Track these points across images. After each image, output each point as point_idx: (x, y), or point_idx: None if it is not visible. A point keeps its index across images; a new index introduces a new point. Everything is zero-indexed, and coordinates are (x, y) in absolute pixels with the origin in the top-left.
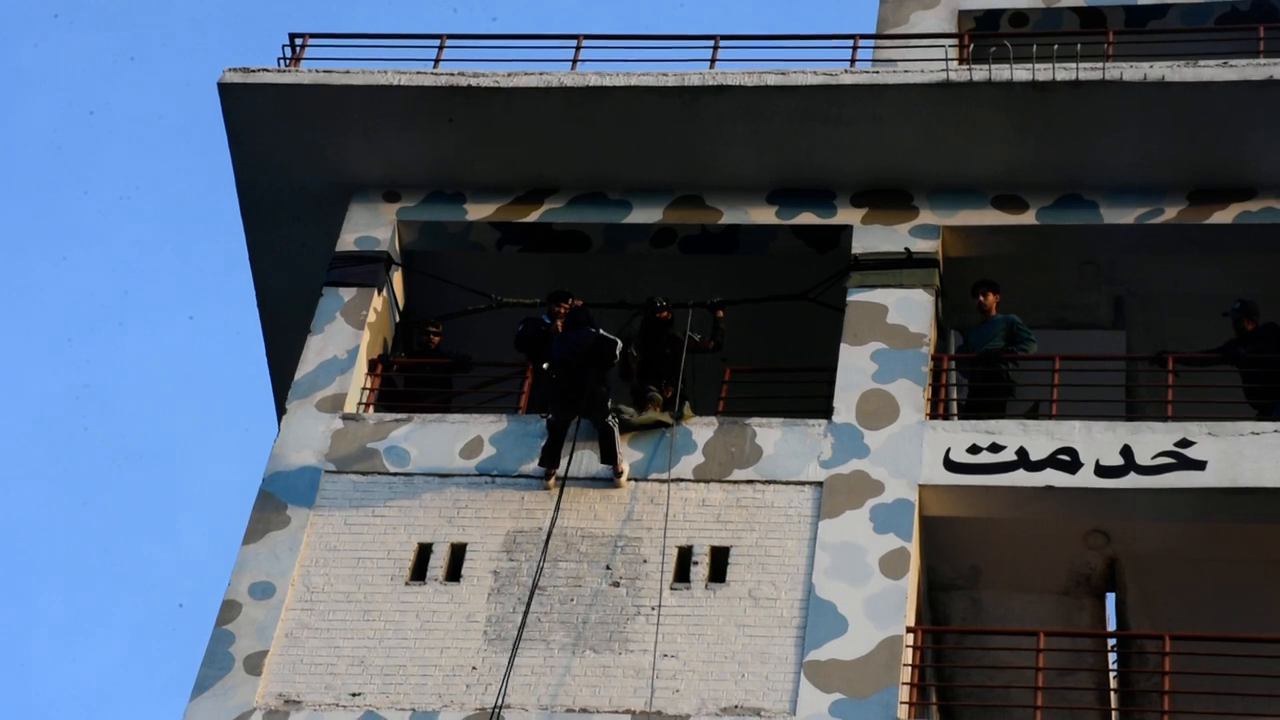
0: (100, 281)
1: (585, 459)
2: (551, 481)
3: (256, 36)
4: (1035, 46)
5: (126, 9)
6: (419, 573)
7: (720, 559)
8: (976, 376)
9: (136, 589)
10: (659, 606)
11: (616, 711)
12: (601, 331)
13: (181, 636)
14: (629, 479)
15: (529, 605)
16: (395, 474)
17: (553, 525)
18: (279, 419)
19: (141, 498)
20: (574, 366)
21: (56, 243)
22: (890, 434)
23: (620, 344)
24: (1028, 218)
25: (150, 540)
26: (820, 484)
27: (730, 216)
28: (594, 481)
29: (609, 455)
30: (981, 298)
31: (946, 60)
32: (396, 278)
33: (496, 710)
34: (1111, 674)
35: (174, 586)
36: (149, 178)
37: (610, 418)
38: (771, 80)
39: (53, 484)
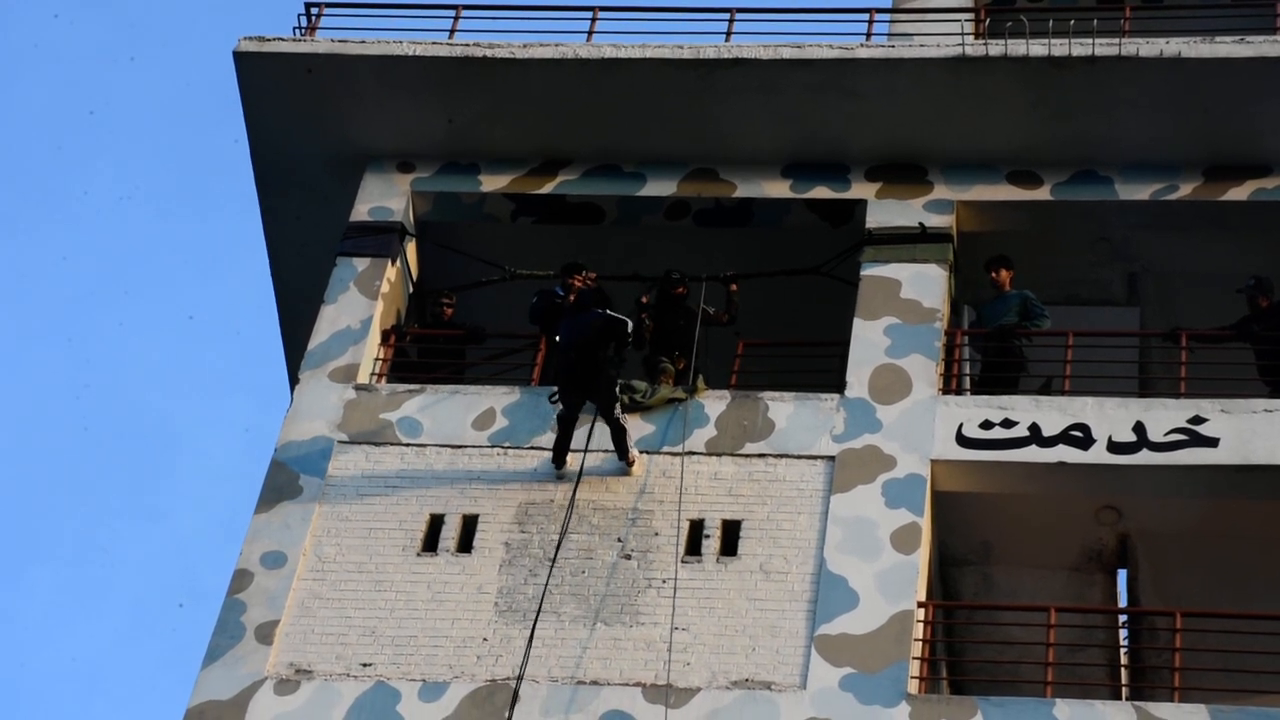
0: (100, 281)
1: (599, 432)
2: (565, 478)
3: (261, 30)
4: (1051, 21)
5: (127, 8)
6: (430, 544)
7: (732, 532)
8: (989, 352)
9: (136, 580)
10: (670, 580)
11: (627, 684)
12: (609, 312)
13: (176, 625)
14: (642, 451)
15: (549, 577)
16: (407, 445)
17: (571, 505)
18: (292, 389)
19: (142, 494)
20: (583, 349)
21: (57, 242)
22: (903, 409)
23: (631, 324)
24: (1042, 193)
25: (150, 536)
26: (832, 458)
27: (744, 190)
28: (607, 454)
29: (620, 450)
30: (995, 273)
31: (962, 35)
32: (410, 248)
33: (518, 680)
34: (1122, 650)
35: (173, 580)
36: (149, 177)
37: (617, 407)
38: (787, 54)
39: (53, 483)
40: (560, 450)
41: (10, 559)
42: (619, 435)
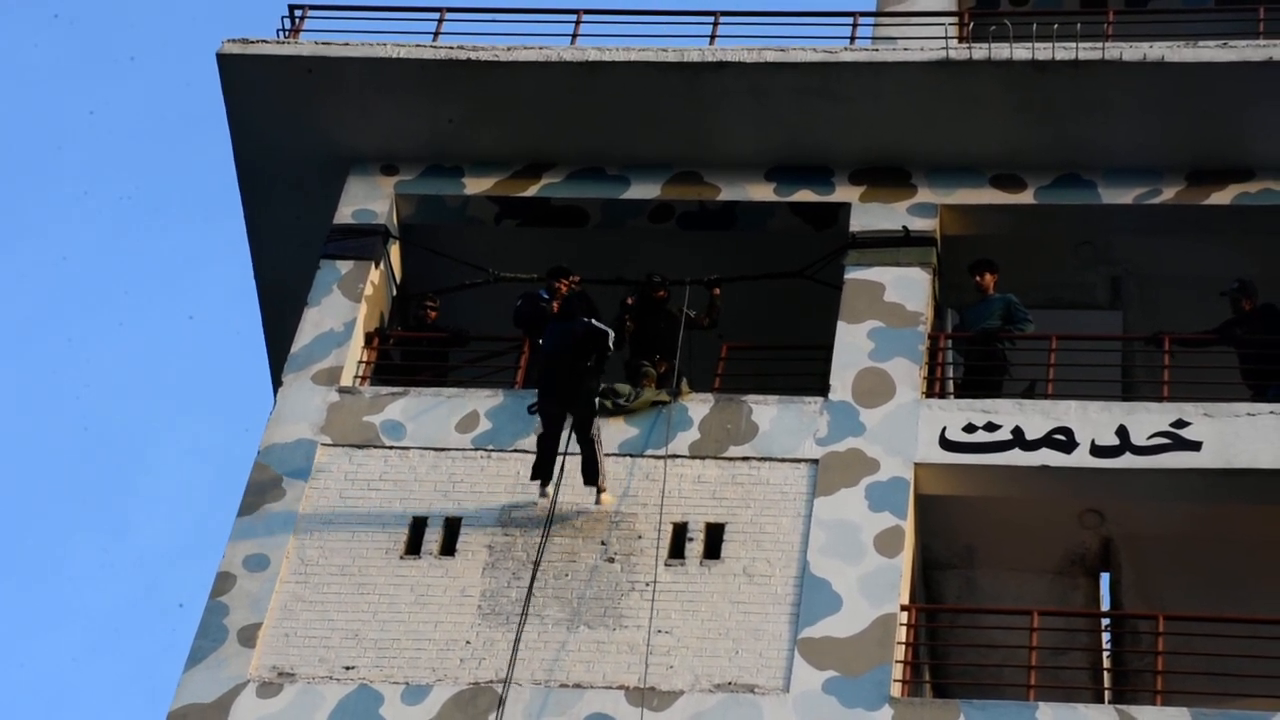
0: (100, 281)
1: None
2: (544, 501)
3: (257, 31)
4: (1035, 25)
5: (127, 8)
6: (414, 546)
7: (715, 536)
8: (973, 355)
9: (128, 580)
10: (654, 583)
11: (610, 687)
12: (593, 322)
13: (173, 625)
14: (625, 454)
15: (532, 583)
16: (391, 447)
17: (550, 517)
18: (275, 392)
19: (132, 496)
20: (565, 358)
21: (57, 242)
22: (886, 412)
23: (612, 334)
24: (1026, 197)
25: (141, 538)
26: (816, 461)
27: (728, 193)
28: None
29: (590, 475)
30: (979, 277)
31: (946, 38)
32: (394, 251)
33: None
34: (1105, 653)
35: (166, 581)
36: (150, 178)
37: (595, 424)
38: (771, 57)
39: (52, 482)
40: (541, 467)
41: (7, 558)
42: (590, 457)
